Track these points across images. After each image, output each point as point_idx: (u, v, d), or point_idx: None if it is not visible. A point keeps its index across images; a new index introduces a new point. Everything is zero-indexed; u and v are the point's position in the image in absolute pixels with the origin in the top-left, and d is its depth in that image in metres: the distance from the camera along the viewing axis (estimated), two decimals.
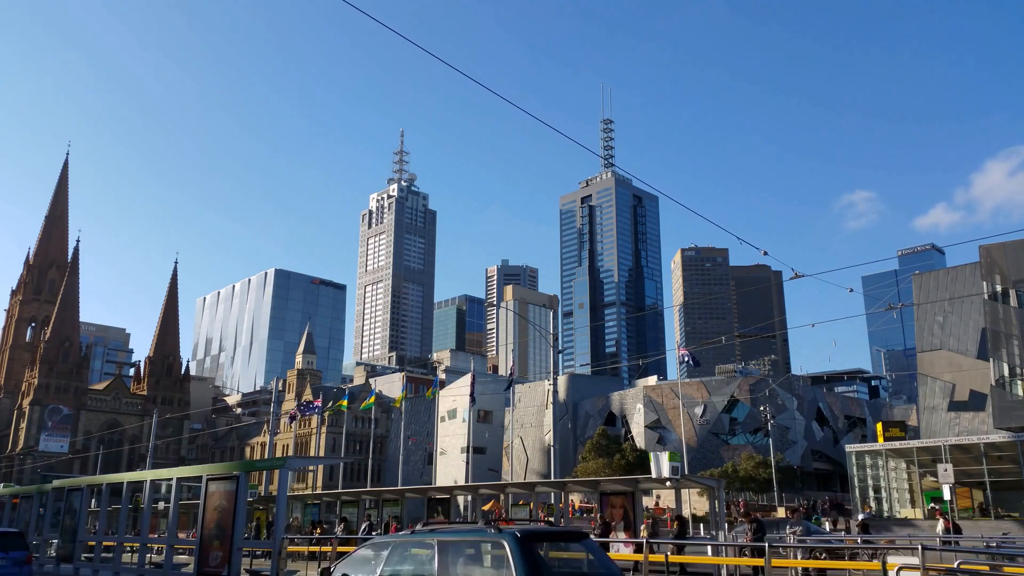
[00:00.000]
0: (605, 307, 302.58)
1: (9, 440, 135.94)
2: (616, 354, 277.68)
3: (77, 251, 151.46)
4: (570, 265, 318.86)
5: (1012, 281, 50.46)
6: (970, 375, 54.71)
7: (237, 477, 17.41)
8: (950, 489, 34.27)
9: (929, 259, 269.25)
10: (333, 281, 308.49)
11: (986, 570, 13.21)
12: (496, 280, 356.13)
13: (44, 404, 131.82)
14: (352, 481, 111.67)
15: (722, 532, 26.70)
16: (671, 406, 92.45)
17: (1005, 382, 50.55)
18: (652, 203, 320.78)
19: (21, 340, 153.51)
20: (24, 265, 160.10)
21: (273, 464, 19.15)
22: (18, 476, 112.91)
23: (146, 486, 24.84)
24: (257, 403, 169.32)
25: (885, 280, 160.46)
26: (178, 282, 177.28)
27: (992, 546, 17.80)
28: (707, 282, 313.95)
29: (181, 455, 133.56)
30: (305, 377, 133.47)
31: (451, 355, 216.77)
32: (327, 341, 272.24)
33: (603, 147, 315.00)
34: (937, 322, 57.62)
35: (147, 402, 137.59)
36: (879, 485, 48.73)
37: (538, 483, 40.53)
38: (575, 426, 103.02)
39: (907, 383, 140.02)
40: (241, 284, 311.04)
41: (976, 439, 44.66)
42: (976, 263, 54.28)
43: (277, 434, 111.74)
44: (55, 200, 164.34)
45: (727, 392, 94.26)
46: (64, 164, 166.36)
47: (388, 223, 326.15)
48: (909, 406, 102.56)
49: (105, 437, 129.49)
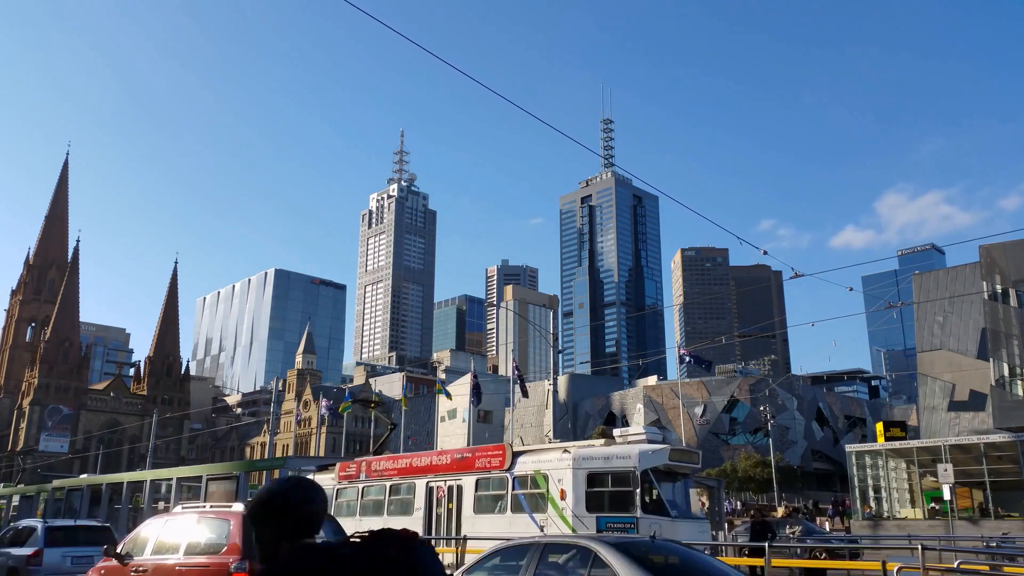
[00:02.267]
0: (605, 307, 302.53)
1: (9, 440, 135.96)
2: (616, 354, 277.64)
3: (77, 251, 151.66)
4: (570, 265, 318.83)
5: (1012, 281, 50.44)
6: (970, 375, 54.68)
7: (237, 477, 17.48)
8: (950, 489, 34.17)
9: (929, 259, 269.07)
10: (333, 281, 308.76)
11: (986, 570, 13.20)
12: (496, 280, 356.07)
13: (44, 404, 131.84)
14: None
15: (722, 532, 26.69)
16: (671, 406, 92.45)
17: (1005, 382, 50.55)
18: (652, 203, 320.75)
19: (21, 340, 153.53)
20: (24, 265, 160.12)
21: (273, 464, 19.32)
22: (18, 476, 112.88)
23: (146, 486, 24.93)
24: (257, 403, 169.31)
25: (885, 280, 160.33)
26: (178, 282, 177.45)
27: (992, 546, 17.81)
28: (707, 282, 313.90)
29: (181, 455, 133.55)
30: (305, 377, 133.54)
31: (451, 355, 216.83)
32: (327, 341, 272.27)
33: (603, 147, 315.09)
34: (937, 322, 57.61)
35: (147, 402, 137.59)
36: (879, 485, 48.69)
37: None
38: (575, 426, 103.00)
39: (907, 383, 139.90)
40: (241, 284, 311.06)
41: (976, 439, 44.61)
42: (976, 263, 54.25)
43: (277, 434, 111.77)
44: (55, 200, 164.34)
45: (727, 392, 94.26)
46: (64, 164, 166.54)
47: (388, 223, 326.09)
48: (909, 406, 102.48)
49: (105, 437, 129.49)
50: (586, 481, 17.98)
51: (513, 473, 19.72)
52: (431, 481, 21.96)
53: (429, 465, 22.44)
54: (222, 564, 11.04)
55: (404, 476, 22.82)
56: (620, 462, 17.76)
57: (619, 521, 17.16)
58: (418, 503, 21.98)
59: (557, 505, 18.18)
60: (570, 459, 18.44)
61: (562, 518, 17.98)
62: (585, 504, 17.77)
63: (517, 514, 19.20)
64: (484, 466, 20.66)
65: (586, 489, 17.92)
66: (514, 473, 19.71)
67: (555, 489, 18.34)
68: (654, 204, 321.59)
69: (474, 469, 20.85)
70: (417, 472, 22.47)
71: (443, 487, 21.47)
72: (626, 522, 17.07)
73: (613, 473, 17.84)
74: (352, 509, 23.89)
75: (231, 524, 11.60)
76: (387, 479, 23.13)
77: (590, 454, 18.47)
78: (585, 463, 18.25)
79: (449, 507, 21.07)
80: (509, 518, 19.29)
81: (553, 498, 18.32)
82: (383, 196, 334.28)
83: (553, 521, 18.18)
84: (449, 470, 21.65)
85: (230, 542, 11.32)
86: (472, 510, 20.33)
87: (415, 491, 22.21)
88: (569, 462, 18.38)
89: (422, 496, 21.90)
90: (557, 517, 18.11)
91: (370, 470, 23.69)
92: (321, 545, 2.87)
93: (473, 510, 20.31)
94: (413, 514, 21.85)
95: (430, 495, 21.78)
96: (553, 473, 18.63)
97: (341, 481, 24.53)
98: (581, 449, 18.94)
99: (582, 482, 17.99)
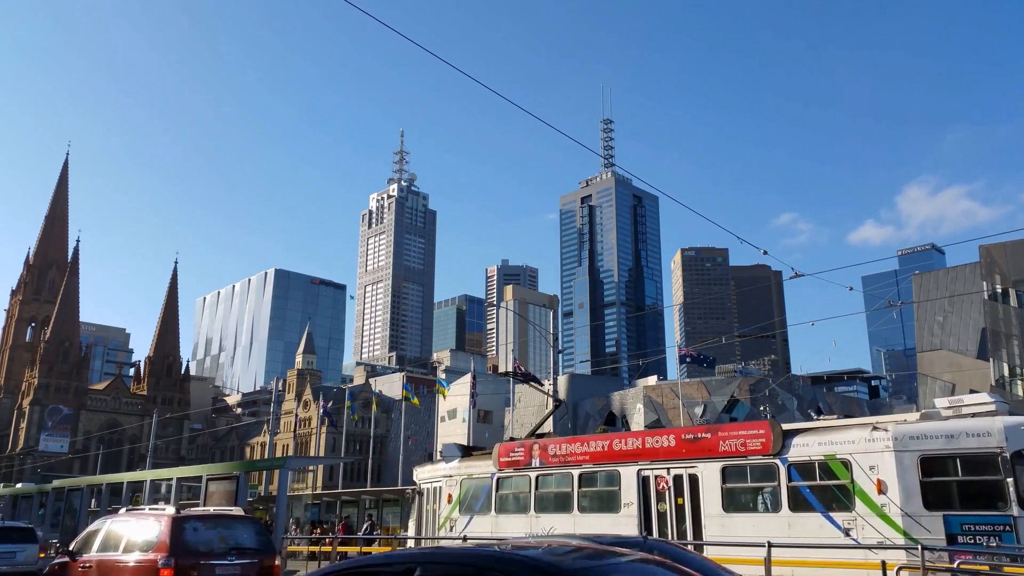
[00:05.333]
0: (605, 307, 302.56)
1: (9, 440, 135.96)
2: (616, 354, 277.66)
3: (77, 251, 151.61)
4: (570, 265, 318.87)
5: (1012, 281, 50.48)
6: (970, 375, 54.73)
7: (237, 477, 17.50)
8: None
9: (929, 259, 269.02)
10: (333, 281, 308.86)
11: (986, 570, 13.15)
12: (496, 280, 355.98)
13: (44, 404, 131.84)
14: (352, 481, 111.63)
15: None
16: (671, 406, 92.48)
17: (1005, 382, 50.59)
18: (652, 203, 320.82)
19: (21, 340, 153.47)
20: (24, 265, 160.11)
21: (273, 464, 19.27)
22: (18, 476, 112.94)
23: (146, 486, 24.94)
24: (257, 403, 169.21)
25: (885, 280, 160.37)
26: (178, 282, 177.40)
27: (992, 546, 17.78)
28: (707, 282, 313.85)
29: (181, 455, 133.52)
30: (305, 377, 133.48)
31: (451, 355, 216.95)
32: (327, 341, 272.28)
33: (603, 147, 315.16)
34: (937, 322, 57.65)
35: (147, 402, 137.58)
36: None
37: None
38: (575, 426, 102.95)
39: (907, 383, 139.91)
40: (241, 284, 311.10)
41: None
42: (976, 263, 54.30)
43: (277, 434, 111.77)
44: (55, 200, 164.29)
45: (727, 392, 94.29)
46: (64, 164, 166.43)
47: (388, 223, 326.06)
48: (909, 406, 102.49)
49: (105, 437, 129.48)
50: (918, 467, 14.11)
51: (788, 459, 15.65)
52: (645, 469, 17.96)
53: (640, 449, 18.32)
54: (152, 561, 12.55)
55: (602, 462, 18.88)
56: (975, 441, 13.74)
57: (984, 521, 13.51)
58: (626, 496, 18.11)
59: (872, 501, 14.46)
60: (888, 438, 14.56)
61: (883, 518, 14.31)
62: (922, 499, 14.02)
63: (801, 513, 15.28)
64: (735, 449, 16.59)
65: (920, 478, 14.06)
66: (789, 459, 15.63)
67: (865, 480, 14.59)
68: (654, 204, 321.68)
69: (717, 454, 16.82)
70: (621, 457, 18.48)
71: (665, 477, 17.63)
72: (997, 523, 13.40)
73: (965, 456, 13.85)
74: (522, 504, 20.32)
75: (162, 525, 13.10)
76: (575, 466, 19.26)
77: (920, 431, 14.41)
78: (914, 443, 14.31)
79: (678, 502, 17.27)
80: (787, 518, 15.42)
81: (864, 492, 14.57)
82: (383, 196, 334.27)
83: (867, 523, 14.50)
84: (675, 455, 17.59)
85: (159, 540, 12.83)
86: (721, 507, 16.53)
87: (619, 481, 18.36)
88: (887, 442, 14.53)
89: (632, 488, 18.08)
90: (874, 517, 14.42)
91: (547, 454, 19.92)
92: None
93: (723, 507, 16.51)
94: (619, 510, 18.08)
95: (644, 486, 17.93)
96: (860, 458, 14.74)
97: (504, 469, 20.83)
98: (903, 426, 14.75)
99: (912, 469, 14.12)
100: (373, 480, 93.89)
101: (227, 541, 13.61)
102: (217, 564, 13.02)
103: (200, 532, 13.48)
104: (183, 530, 13.12)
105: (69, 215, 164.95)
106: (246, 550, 13.64)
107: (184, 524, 13.28)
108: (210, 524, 13.95)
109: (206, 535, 13.53)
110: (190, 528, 13.32)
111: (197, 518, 13.92)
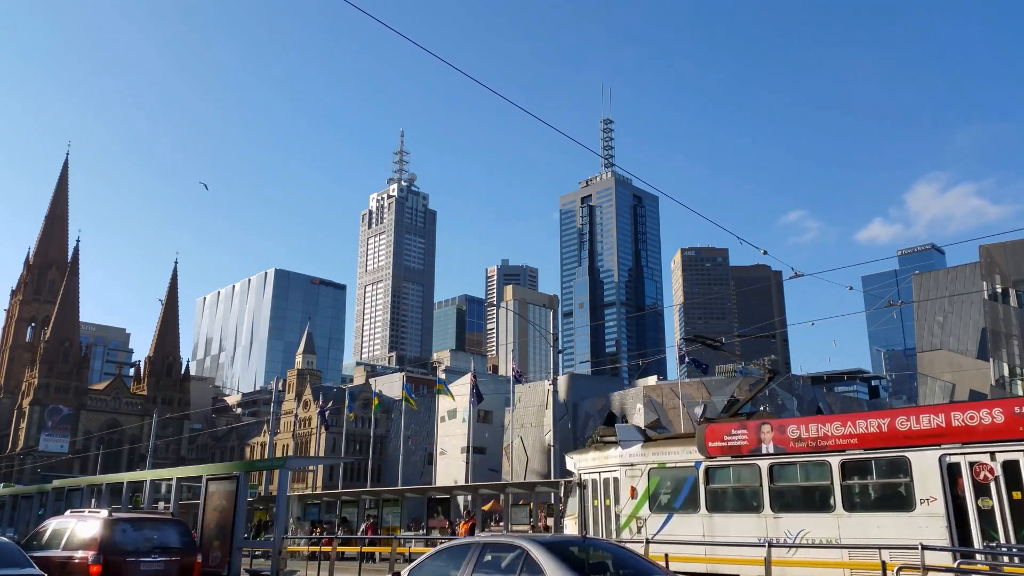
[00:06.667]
0: (605, 307, 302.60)
1: (9, 440, 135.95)
2: (616, 354, 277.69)
3: (77, 251, 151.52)
4: (570, 265, 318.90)
5: (1012, 281, 50.47)
6: (970, 375, 54.74)
7: (237, 477, 17.49)
8: None
9: (929, 259, 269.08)
10: (333, 281, 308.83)
11: (986, 570, 13.14)
12: (496, 280, 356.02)
13: (44, 404, 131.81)
14: (352, 481, 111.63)
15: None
16: (671, 406, 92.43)
17: (1005, 382, 50.58)
18: (652, 203, 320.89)
19: (21, 340, 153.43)
20: (24, 265, 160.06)
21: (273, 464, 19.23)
22: (18, 476, 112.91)
23: (146, 486, 24.91)
24: (257, 403, 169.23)
25: (885, 280, 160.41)
26: (178, 282, 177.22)
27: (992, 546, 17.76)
28: (707, 282, 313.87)
29: (181, 455, 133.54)
30: (305, 377, 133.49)
31: (451, 355, 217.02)
32: (327, 341, 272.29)
33: (603, 147, 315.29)
34: (937, 322, 57.67)
35: (147, 402, 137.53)
36: None
37: (538, 483, 40.58)
38: (575, 426, 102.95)
39: (907, 383, 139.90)
40: (241, 284, 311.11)
41: None
42: (976, 263, 54.31)
43: (277, 434, 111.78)
44: (55, 200, 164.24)
45: (727, 392, 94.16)
46: (64, 164, 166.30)
47: (388, 223, 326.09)
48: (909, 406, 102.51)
49: (105, 437, 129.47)
50: None
51: None
52: (953, 454, 13.91)
53: (943, 428, 14.11)
54: (83, 558, 14.31)
55: (876, 447, 14.78)
56: None
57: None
58: (922, 491, 14.08)
59: None
60: None
61: None
62: None
63: None
64: None
65: None
66: None
67: None
68: (654, 204, 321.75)
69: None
70: (911, 439, 14.36)
71: (988, 465, 13.58)
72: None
73: None
74: (747, 502, 16.43)
75: (96, 526, 14.87)
76: (831, 452, 15.22)
77: None
78: None
79: (1014, 497, 13.38)
80: None
81: None
82: (383, 196, 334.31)
83: None
84: (1005, 433, 13.40)
85: (92, 540, 14.56)
86: None
87: (910, 470, 14.30)
88: None
89: (933, 479, 14.05)
90: None
91: (786, 438, 15.90)
92: None
93: None
94: (913, 508, 14.14)
95: (952, 478, 13.91)
96: None
97: (716, 457, 16.94)
98: None
99: None
100: (373, 480, 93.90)
101: (152, 541, 15.28)
102: (142, 561, 14.71)
103: (128, 533, 15.11)
104: (114, 531, 14.85)
105: (69, 215, 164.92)
106: (170, 549, 15.26)
107: (115, 525, 15.03)
108: (139, 526, 15.56)
109: (134, 536, 15.16)
110: (119, 529, 15.01)
111: (127, 520, 15.57)
